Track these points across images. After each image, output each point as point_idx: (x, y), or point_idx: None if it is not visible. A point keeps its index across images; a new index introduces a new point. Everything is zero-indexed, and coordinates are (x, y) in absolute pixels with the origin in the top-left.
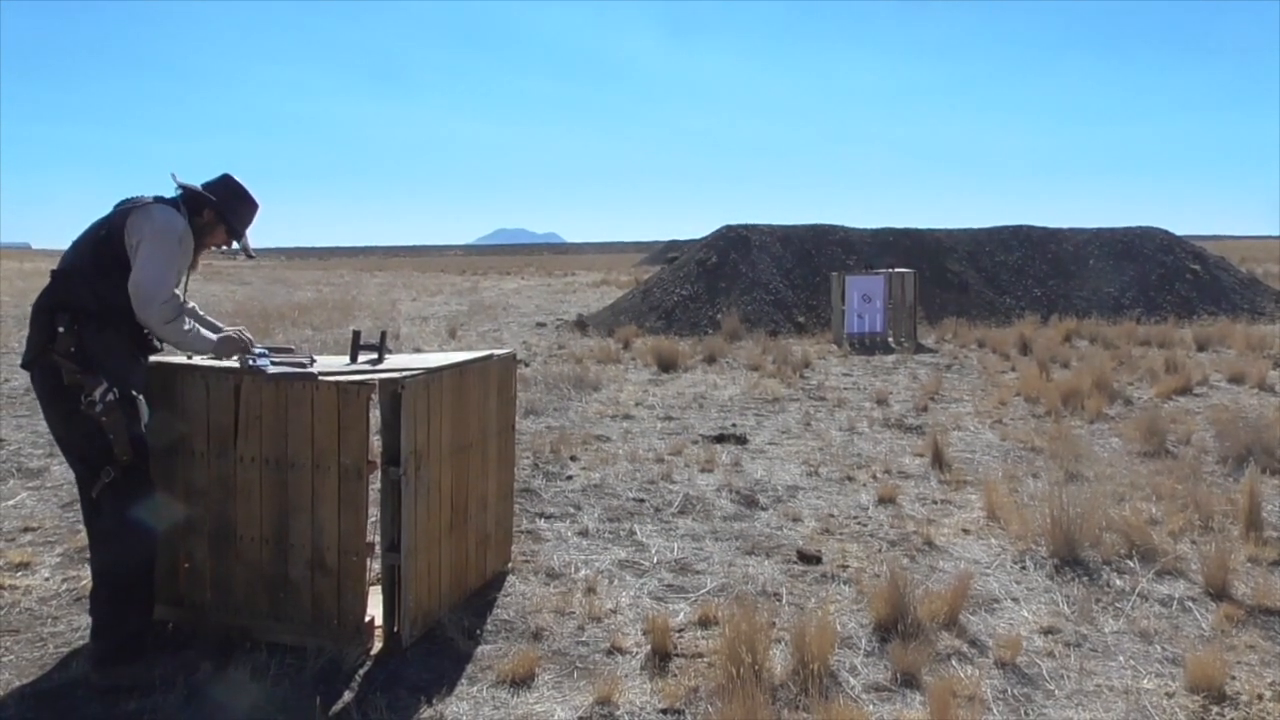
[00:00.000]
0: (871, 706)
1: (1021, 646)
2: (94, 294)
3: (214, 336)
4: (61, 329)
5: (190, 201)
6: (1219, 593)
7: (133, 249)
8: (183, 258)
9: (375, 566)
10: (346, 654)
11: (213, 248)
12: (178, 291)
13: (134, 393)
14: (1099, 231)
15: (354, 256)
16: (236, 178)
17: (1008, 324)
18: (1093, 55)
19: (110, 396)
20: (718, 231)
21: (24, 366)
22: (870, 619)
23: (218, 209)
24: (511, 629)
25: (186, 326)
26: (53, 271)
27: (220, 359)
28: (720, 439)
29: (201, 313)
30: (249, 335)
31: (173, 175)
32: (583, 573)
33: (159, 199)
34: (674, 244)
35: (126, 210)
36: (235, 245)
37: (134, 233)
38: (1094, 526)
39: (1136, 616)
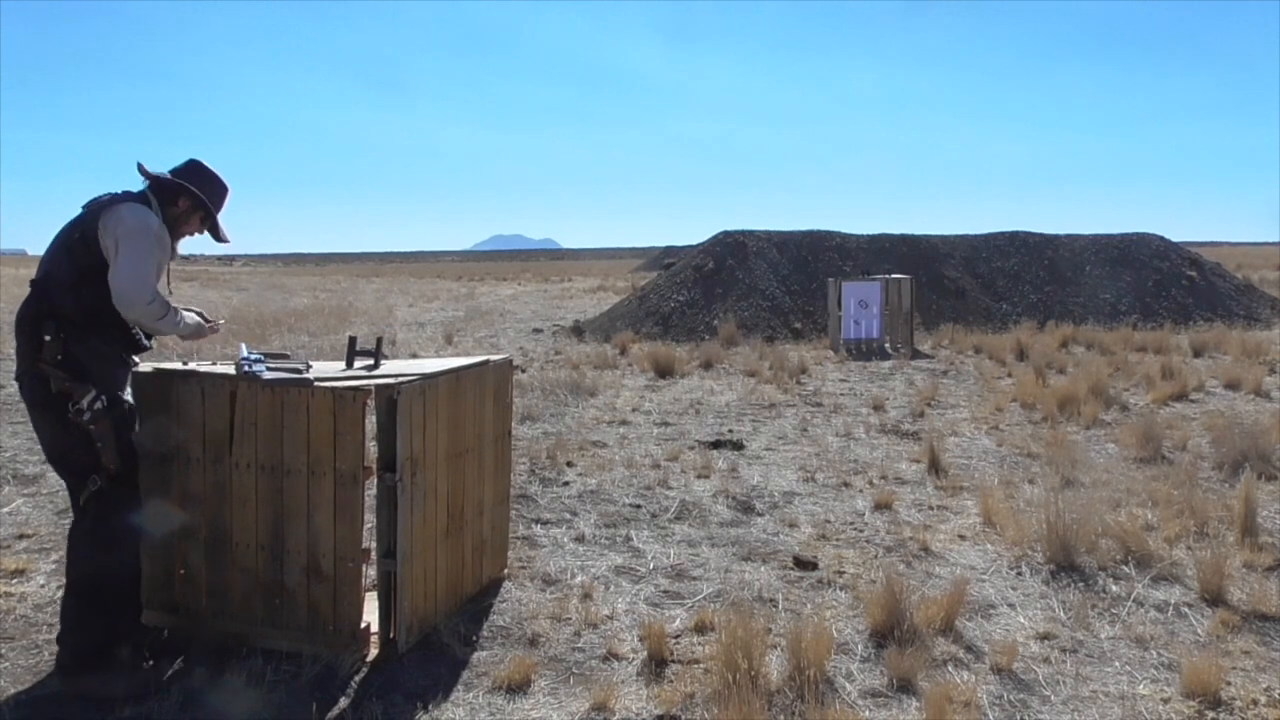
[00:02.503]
0: (867, 712)
1: (1017, 652)
2: (77, 301)
3: (193, 321)
4: (48, 337)
5: (163, 192)
6: (1214, 599)
7: (109, 250)
8: (161, 254)
9: (371, 573)
10: (342, 660)
11: (188, 236)
12: (160, 289)
13: (124, 398)
14: (1095, 237)
15: (350, 262)
16: (205, 162)
17: (1004, 330)
18: (1090, 62)
19: (99, 405)
20: (715, 237)
21: (17, 379)
22: (866, 625)
23: (194, 196)
24: (508, 635)
25: (177, 319)
26: (32, 281)
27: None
28: (717, 445)
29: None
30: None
31: (139, 166)
32: (579, 579)
33: (127, 194)
34: (671, 250)
35: (97, 210)
36: (201, 233)
37: (107, 234)
38: (1090, 532)
39: (1132, 622)
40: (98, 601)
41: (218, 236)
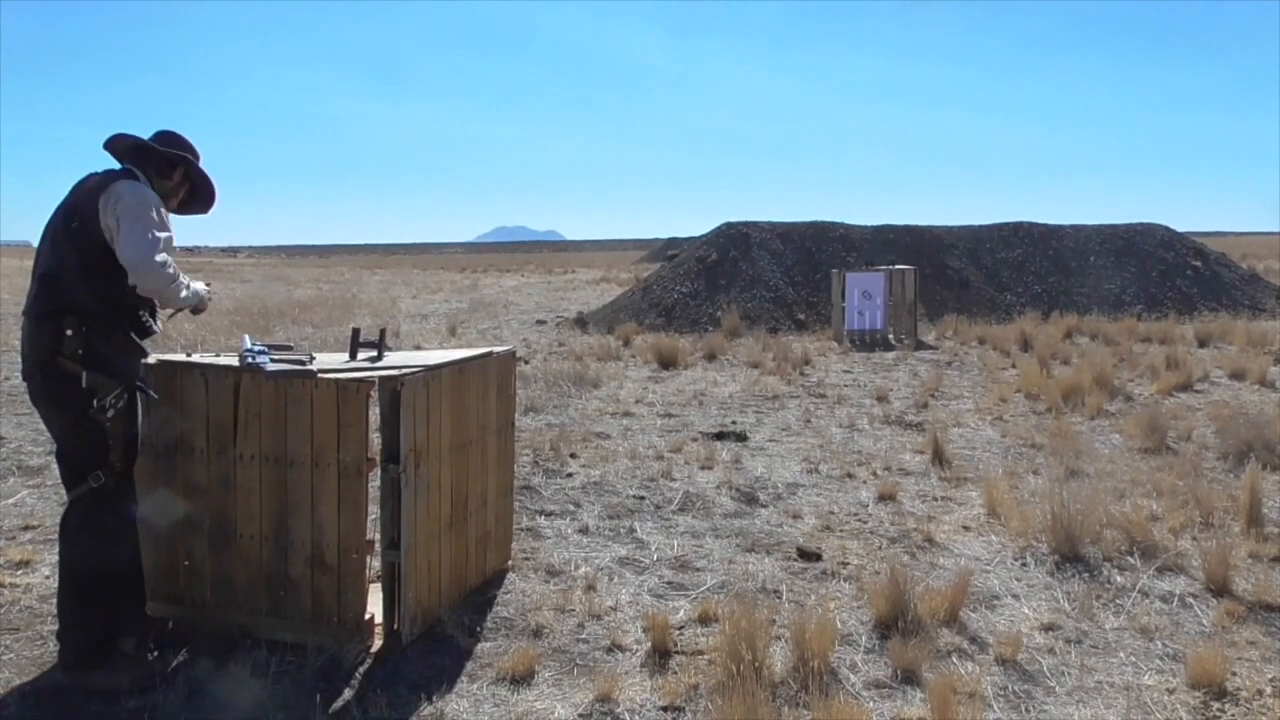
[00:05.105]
0: (872, 703)
1: (1022, 643)
2: (93, 294)
3: (204, 290)
4: (70, 332)
5: (156, 165)
6: (1220, 589)
7: (110, 231)
8: (167, 227)
9: (375, 564)
10: (347, 651)
11: (171, 210)
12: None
13: (139, 390)
14: (1100, 228)
15: (354, 254)
16: (175, 131)
17: (1008, 321)
18: (1093, 53)
19: (121, 402)
20: (718, 229)
21: (26, 376)
22: (870, 616)
23: (190, 165)
24: (511, 626)
25: (185, 281)
26: (41, 276)
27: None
28: (720, 436)
29: None
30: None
31: (118, 140)
32: (583, 570)
33: (114, 173)
34: (674, 241)
35: (92, 193)
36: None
37: (107, 214)
38: (1095, 523)
39: (1137, 613)
40: (98, 597)
41: (210, 203)
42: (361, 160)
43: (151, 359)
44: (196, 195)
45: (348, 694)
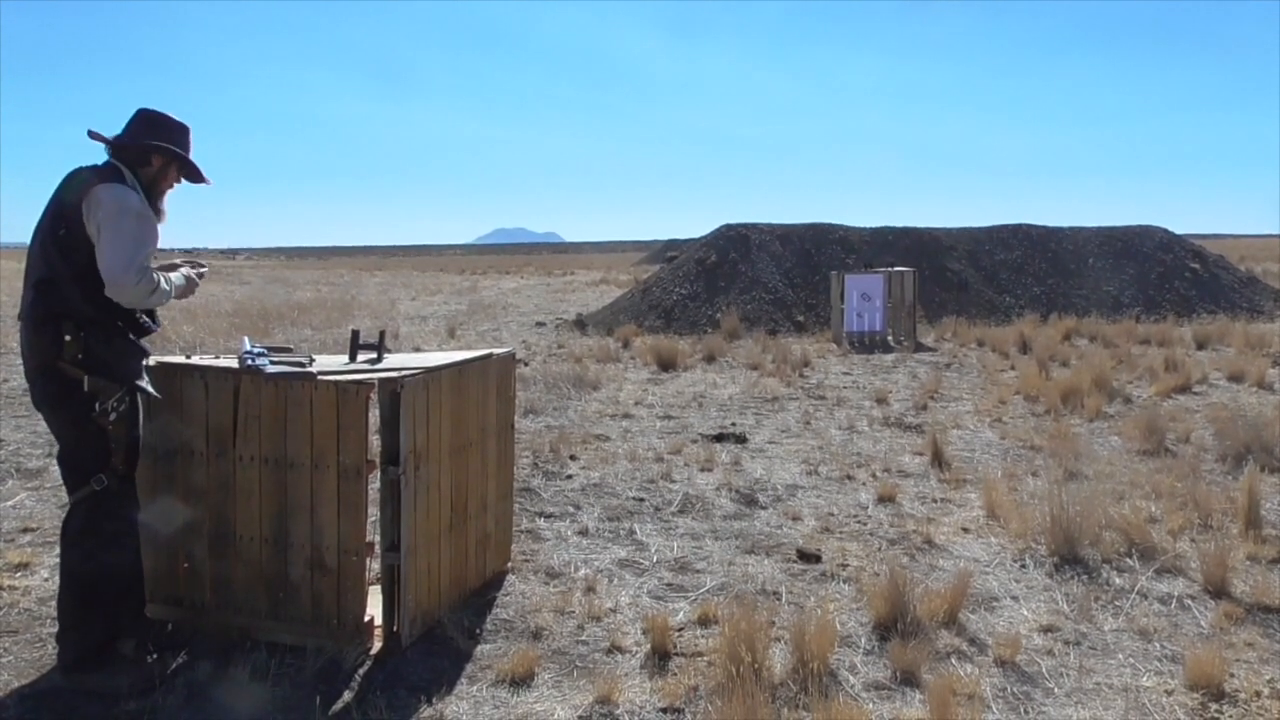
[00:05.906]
0: (871, 705)
1: (1021, 645)
2: (88, 300)
3: (182, 281)
4: (68, 337)
5: (132, 155)
6: (1218, 591)
7: (94, 237)
8: (148, 230)
9: (375, 566)
10: (346, 653)
11: (170, 189)
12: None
13: (139, 391)
14: (1098, 230)
15: (353, 256)
16: (154, 109)
17: (1007, 323)
18: (1092, 55)
19: (124, 405)
20: (717, 230)
21: (29, 380)
22: (870, 617)
23: (167, 151)
24: (511, 628)
25: (165, 286)
26: (36, 282)
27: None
28: (720, 438)
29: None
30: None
31: (92, 134)
32: (582, 572)
33: (97, 171)
34: (673, 243)
35: (76, 199)
36: (179, 183)
37: (90, 220)
38: (1093, 525)
39: (1136, 614)
40: (99, 599)
41: (198, 179)
42: (361, 161)
43: (151, 361)
44: (188, 170)
45: (347, 696)
